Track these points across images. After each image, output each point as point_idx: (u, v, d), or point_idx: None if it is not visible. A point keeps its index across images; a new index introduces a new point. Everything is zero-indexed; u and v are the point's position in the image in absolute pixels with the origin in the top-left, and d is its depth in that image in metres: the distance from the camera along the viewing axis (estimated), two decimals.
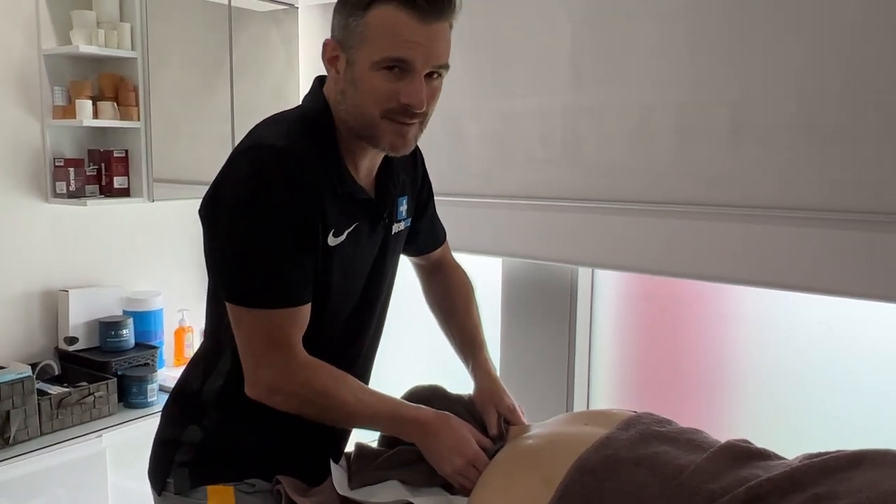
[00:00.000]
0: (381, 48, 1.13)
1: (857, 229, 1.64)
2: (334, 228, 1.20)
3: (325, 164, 1.19)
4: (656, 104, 1.91)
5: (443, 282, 1.55)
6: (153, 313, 2.73)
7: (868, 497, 0.95)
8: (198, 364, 1.34)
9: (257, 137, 1.20)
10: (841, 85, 1.64)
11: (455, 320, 1.50)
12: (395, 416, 1.24)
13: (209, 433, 1.28)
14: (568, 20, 2.04)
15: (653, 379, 2.18)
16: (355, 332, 1.33)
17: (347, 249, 1.23)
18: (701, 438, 1.18)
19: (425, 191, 1.48)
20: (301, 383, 1.18)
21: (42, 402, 2.23)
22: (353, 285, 1.29)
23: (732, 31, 1.77)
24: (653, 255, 1.95)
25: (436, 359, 1.90)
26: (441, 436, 1.22)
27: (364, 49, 1.14)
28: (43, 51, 2.45)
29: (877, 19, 1.59)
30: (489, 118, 2.21)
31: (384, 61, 1.13)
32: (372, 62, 1.14)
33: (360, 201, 1.24)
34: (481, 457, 1.22)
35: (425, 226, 1.50)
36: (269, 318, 1.16)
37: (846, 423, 1.84)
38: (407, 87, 1.15)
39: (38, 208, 2.51)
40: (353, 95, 1.17)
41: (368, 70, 1.14)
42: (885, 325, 1.76)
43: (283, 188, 1.13)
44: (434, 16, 1.13)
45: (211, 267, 1.24)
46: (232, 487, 1.27)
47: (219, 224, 1.18)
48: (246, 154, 1.18)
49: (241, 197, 1.14)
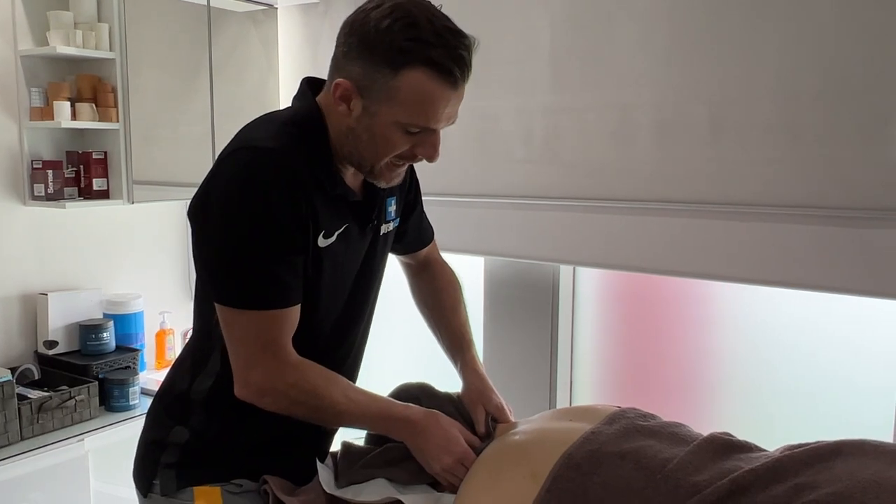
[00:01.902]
0: (412, 115, 1.13)
1: (836, 225, 1.67)
2: (325, 230, 1.20)
3: (315, 165, 1.19)
4: (636, 104, 1.93)
5: (430, 280, 1.55)
6: (134, 316, 2.71)
7: (847, 485, 0.97)
8: (185, 364, 1.33)
9: (247, 138, 1.19)
10: (818, 84, 1.67)
11: (443, 319, 1.51)
12: (384, 416, 1.24)
13: (196, 434, 1.28)
14: (548, 21, 2.06)
15: (635, 376, 2.20)
16: (344, 332, 1.33)
17: (337, 251, 1.23)
18: (684, 432, 1.20)
19: (413, 190, 1.48)
20: (291, 384, 1.18)
21: (22, 407, 2.21)
22: (343, 286, 1.29)
23: (711, 31, 1.80)
24: (633, 252, 1.97)
25: (423, 357, 1.91)
26: (430, 434, 1.22)
27: (390, 108, 1.13)
28: (19, 52, 2.43)
29: (854, 19, 1.62)
30: (470, 118, 2.22)
31: (412, 126, 1.14)
32: (397, 122, 1.14)
33: (350, 203, 1.25)
34: (470, 455, 1.23)
35: (413, 225, 1.50)
36: (260, 320, 1.16)
37: (826, 417, 1.87)
38: (425, 144, 1.17)
39: (16, 211, 2.49)
40: (367, 142, 1.17)
41: (391, 127, 1.14)
42: (866, 320, 1.79)
43: (274, 189, 1.13)
44: (463, 81, 1.13)
45: (200, 268, 1.24)
46: (219, 488, 1.27)
47: (209, 225, 1.17)
48: (236, 155, 1.17)
49: (232, 198, 1.13)
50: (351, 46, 1.13)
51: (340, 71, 1.16)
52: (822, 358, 1.86)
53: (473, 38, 1.14)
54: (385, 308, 1.48)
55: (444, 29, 1.10)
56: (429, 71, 1.09)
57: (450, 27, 1.11)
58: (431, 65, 1.09)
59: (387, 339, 2.52)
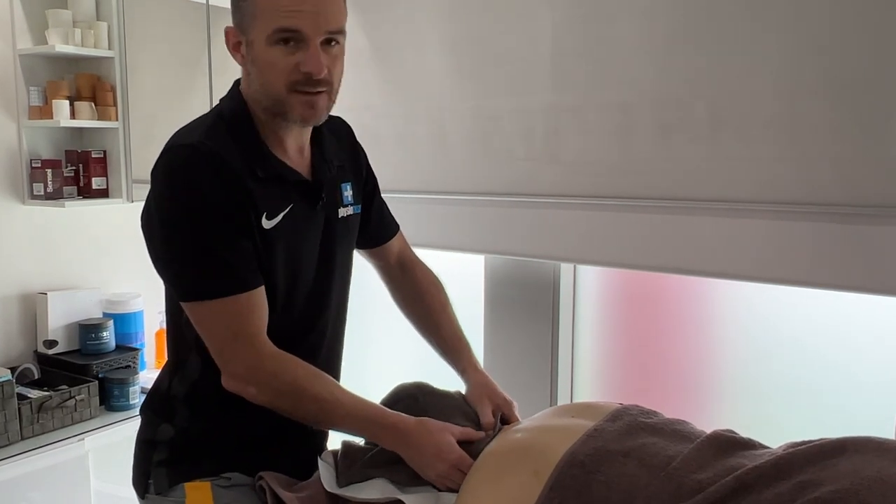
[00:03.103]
0: (270, 21, 1.17)
1: (836, 222, 1.67)
2: (266, 211, 1.22)
3: (245, 151, 1.22)
4: (636, 101, 1.93)
5: (410, 284, 1.54)
6: (133, 315, 2.71)
7: (852, 482, 0.96)
8: (167, 365, 1.36)
9: (173, 141, 1.24)
10: (819, 80, 1.67)
11: (432, 321, 1.50)
12: (373, 420, 1.23)
13: (181, 431, 1.30)
14: (549, 20, 2.06)
15: (636, 373, 2.20)
16: (311, 322, 1.33)
17: (287, 231, 1.25)
18: (687, 429, 1.19)
19: (370, 184, 1.50)
20: (271, 374, 1.20)
21: (22, 407, 2.20)
22: (304, 271, 1.30)
23: (711, 28, 1.79)
24: (634, 250, 1.97)
25: (417, 359, 1.90)
26: (421, 444, 1.20)
27: (256, 26, 1.18)
28: (18, 51, 2.42)
29: (854, 15, 1.62)
30: (471, 117, 2.22)
31: (275, 34, 1.17)
32: (265, 37, 1.18)
33: (294, 183, 1.26)
34: (465, 459, 1.21)
35: (374, 215, 1.51)
36: (224, 309, 1.18)
37: (829, 415, 1.87)
38: (303, 57, 1.18)
39: (15, 210, 2.48)
40: (258, 74, 1.22)
41: (265, 46, 1.18)
42: (868, 317, 1.79)
43: (205, 179, 1.17)
44: None
45: (160, 272, 1.27)
46: (209, 482, 1.28)
47: (153, 229, 1.22)
48: (164, 157, 1.21)
49: (168, 197, 1.19)
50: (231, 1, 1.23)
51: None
52: (825, 355, 1.86)
53: None
54: (377, 310, 1.47)
55: None
56: None
57: None
58: None
59: (379, 342, 2.52)
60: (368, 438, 1.28)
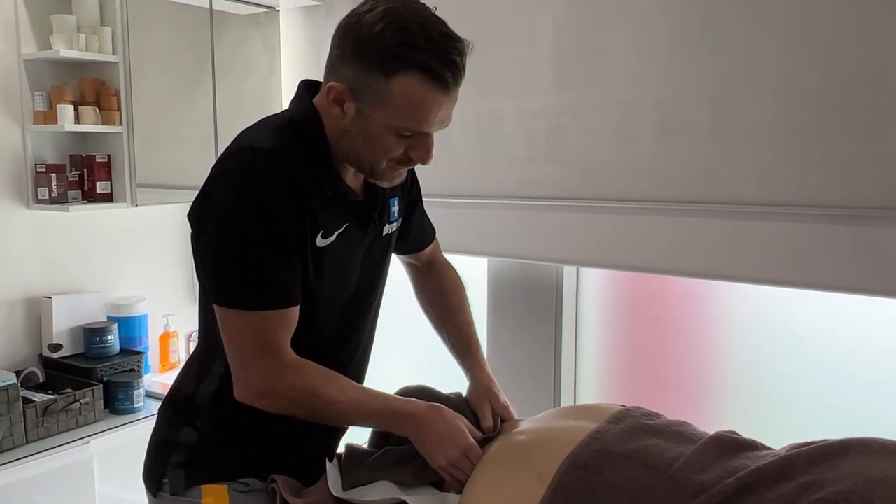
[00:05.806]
0: (404, 119, 1.13)
1: (839, 224, 1.67)
2: (323, 230, 1.20)
3: (313, 166, 1.19)
4: (638, 102, 1.93)
5: (434, 281, 1.56)
6: (138, 319, 2.71)
7: (855, 484, 0.96)
8: (192, 367, 1.34)
9: (245, 140, 1.20)
10: (820, 82, 1.67)
11: (449, 319, 1.51)
12: (387, 411, 1.24)
13: (204, 435, 1.29)
14: (550, 21, 2.06)
15: (638, 375, 2.20)
16: (348, 333, 1.33)
17: (337, 251, 1.24)
18: (690, 430, 1.20)
19: (415, 190, 1.49)
20: (289, 385, 1.18)
21: (27, 410, 2.21)
22: (345, 287, 1.29)
23: (712, 29, 1.80)
24: (637, 252, 1.97)
25: (428, 359, 1.90)
26: (435, 427, 1.22)
27: (384, 113, 1.13)
28: (23, 56, 2.43)
29: (855, 16, 1.62)
30: (473, 119, 2.22)
31: (405, 130, 1.15)
32: (390, 126, 1.14)
33: (350, 203, 1.25)
34: (475, 448, 1.22)
35: (415, 224, 1.50)
36: (258, 321, 1.16)
37: (831, 416, 1.87)
38: (418, 146, 1.17)
39: (20, 214, 2.49)
40: (363, 144, 1.18)
41: (383, 130, 1.15)
42: (870, 318, 1.79)
43: (271, 189, 1.13)
44: (455, 86, 1.13)
45: (199, 269, 1.24)
46: (226, 486, 1.27)
47: (207, 227, 1.18)
48: (233, 157, 1.18)
49: (229, 199, 1.14)
50: (344, 50, 1.13)
51: (334, 74, 1.16)
52: (827, 356, 1.86)
53: (467, 42, 1.13)
54: (391, 309, 1.48)
55: (436, 33, 1.10)
56: (420, 76, 1.09)
57: (442, 31, 1.11)
58: (423, 70, 1.09)
59: (392, 341, 2.52)
60: (383, 429, 1.29)
